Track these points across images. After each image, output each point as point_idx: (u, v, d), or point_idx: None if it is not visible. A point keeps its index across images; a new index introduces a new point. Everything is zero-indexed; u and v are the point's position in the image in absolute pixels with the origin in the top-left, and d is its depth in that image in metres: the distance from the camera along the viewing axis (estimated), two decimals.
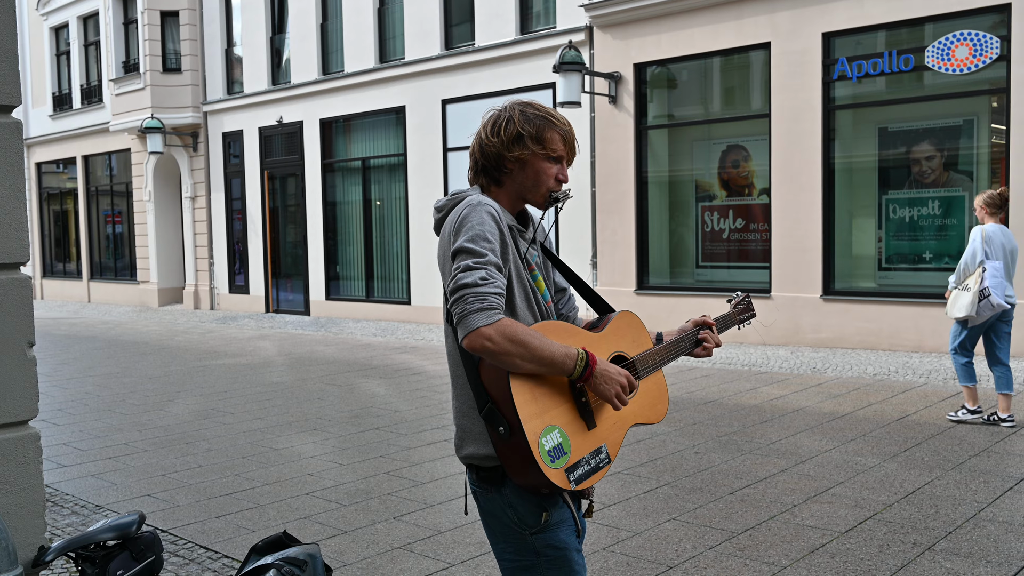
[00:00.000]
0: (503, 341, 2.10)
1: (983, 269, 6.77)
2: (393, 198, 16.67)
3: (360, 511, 5.31)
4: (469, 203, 2.28)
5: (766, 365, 10.25)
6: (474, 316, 2.11)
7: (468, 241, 2.19)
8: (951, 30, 10.26)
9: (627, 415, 2.41)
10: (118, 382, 10.48)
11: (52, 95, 25.06)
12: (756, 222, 12.09)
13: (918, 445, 6.45)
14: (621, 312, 2.53)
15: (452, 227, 2.27)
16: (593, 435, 2.29)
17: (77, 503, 5.61)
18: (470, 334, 2.11)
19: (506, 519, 2.33)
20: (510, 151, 2.37)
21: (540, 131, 2.38)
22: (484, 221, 2.23)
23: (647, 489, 5.58)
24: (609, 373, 2.25)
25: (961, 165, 10.56)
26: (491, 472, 2.31)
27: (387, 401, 8.85)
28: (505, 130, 2.37)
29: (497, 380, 2.18)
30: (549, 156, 2.40)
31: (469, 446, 2.34)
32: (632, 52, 12.85)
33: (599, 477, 2.30)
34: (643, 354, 2.50)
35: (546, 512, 2.30)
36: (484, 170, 2.42)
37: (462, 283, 2.14)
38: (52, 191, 26.22)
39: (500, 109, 2.44)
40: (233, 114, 19.59)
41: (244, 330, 16.28)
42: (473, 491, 2.41)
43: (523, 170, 2.39)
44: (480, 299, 2.12)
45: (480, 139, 2.42)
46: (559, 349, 2.18)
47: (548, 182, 2.41)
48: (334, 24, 17.42)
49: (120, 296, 23.12)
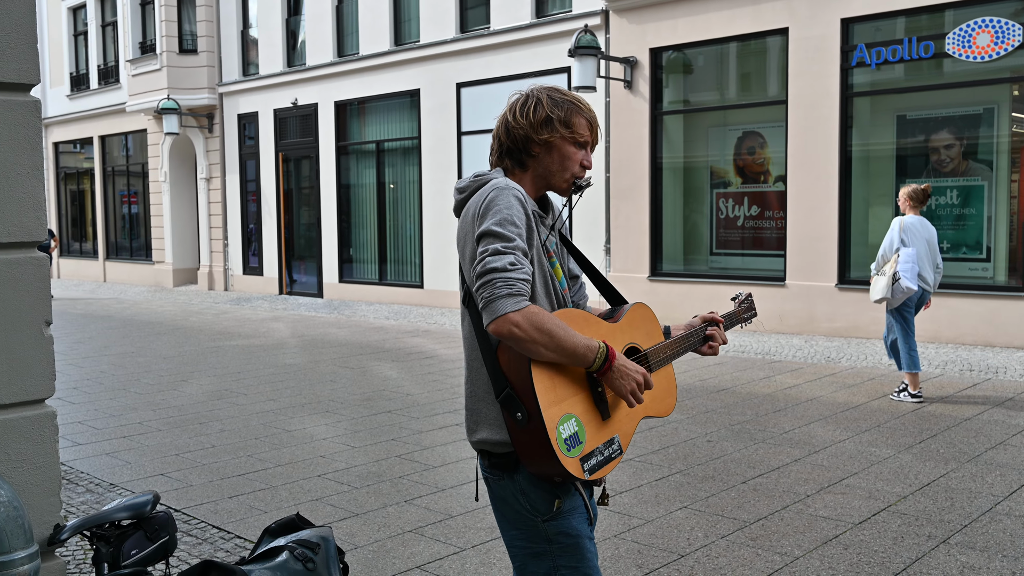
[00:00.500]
0: (530, 328, 2.09)
1: (898, 255, 7.36)
2: (407, 181, 16.66)
3: (372, 494, 5.32)
4: (496, 186, 2.26)
5: (780, 354, 10.22)
6: (502, 301, 2.09)
7: (496, 225, 2.18)
8: (972, 17, 10.14)
9: (638, 407, 2.41)
10: (133, 361, 10.54)
11: (70, 75, 25.13)
12: (771, 209, 12.02)
13: (933, 437, 6.42)
14: (636, 304, 2.52)
15: (477, 209, 2.25)
16: (607, 426, 2.29)
17: (92, 481, 5.65)
18: (497, 319, 2.09)
19: (518, 506, 2.33)
20: (538, 134, 2.35)
21: (568, 115, 2.36)
22: (512, 205, 2.21)
23: (659, 477, 5.57)
24: (627, 369, 2.24)
25: (980, 154, 10.46)
26: (503, 458, 2.30)
27: (399, 384, 8.87)
28: (534, 113, 2.35)
29: (518, 366, 2.17)
30: (576, 141, 2.38)
31: (482, 431, 2.32)
32: (648, 37, 12.76)
33: (611, 467, 2.30)
34: (655, 347, 2.50)
35: (558, 499, 2.29)
36: (509, 152, 2.40)
37: (491, 267, 2.12)
38: (69, 171, 26.32)
39: (527, 92, 2.42)
40: (248, 96, 19.60)
41: (258, 311, 16.33)
42: (484, 477, 2.39)
43: (549, 154, 2.38)
44: (509, 284, 2.10)
45: (506, 121, 2.40)
46: (581, 341, 2.17)
47: (574, 167, 2.40)
48: (350, 6, 17.38)
49: (135, 276, 23.23)
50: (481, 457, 2.38)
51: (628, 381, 2.24)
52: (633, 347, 2.44)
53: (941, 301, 10.41)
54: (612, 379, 2.23)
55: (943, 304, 10.38)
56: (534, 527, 2.33)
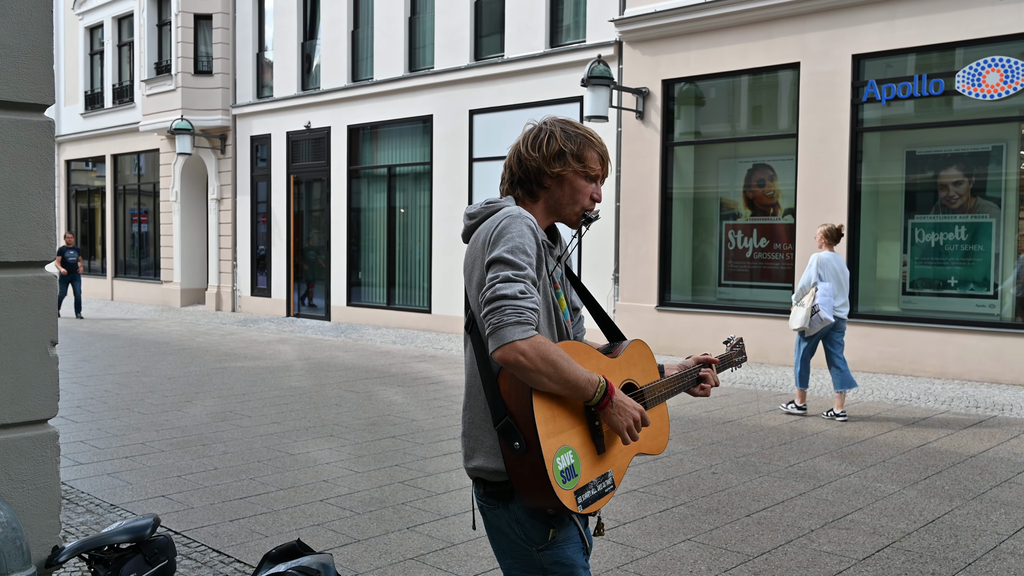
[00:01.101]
0: (536, 358, 2.10)
1: (816, 289, 8.14)
2: (417, 206, 16.72)
3: (374, 520, 5.30)
4: (509, 214, 2.27)
5: (786, 387, 10.17)
6: (510, 329, 2.09)
7: (508, 252, 2.18)
8: (982, 56, 10.18)
9: (632, 443, 2.41)
10: (137, 381, 10.55)
11: (84, 94, 25.36)
12: (780, 242, 12.02)
13: (938, 473, 6.37)
14: (635, 341, 2.53)
15: (489, 236, 2.25)
16: (602, 460, 2.30)
17: (92, 501, 5.64)
18: (504, 346, 2.10)
19: (513, 535, 2.32)
20: (551, 167, 2.38)
21: (581, 149, 2.39)
22: (524, 234, 2.22)
23: (663, 508, 5.54)
24: (624, 405, 2.25)
25: (989, 191, 10.45)
26: (499, 487, 2.29)
27: (404, 410, 8.85)
28: (547, 146, 2.38)
29: (519, 395, 2.17)
30: (587, 175, 2.41)
31: (478, 459, 2.32)
32: (661, 68, 12.84)
33: (604, 502, 2.30)
34: (651, 385, 2.52)
35: (553, 529, 2.29)
36: (521, 183, 2.42)
37: (500, 293, 2.13)
38: (80, 188, 26.49)
39: (540, 124, 2.44)
40: (262, 118, 19.74)
41: (264, 333, 16.35)
42: (480, 506, 2.39)
43: (561, 187, 2.40)
44: (518, 312, 2.11)
45: (519, 152, 2.42)
46: (583, 375, 2.18)
47: (584, 200, 2.42)
48: (365, 32, 17.53)
49: (143, 295, 23.29)
50: (476, 485, 2.38)
51: (626, 417, 2.25)
52: (630, 383, 2.46)
53: (948, 337, 10.37)
54: (610, 414, 2.24)
55: (950, 340, 10.34)
56: (529, 556, 2.32)
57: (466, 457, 2.37)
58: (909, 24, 10.60)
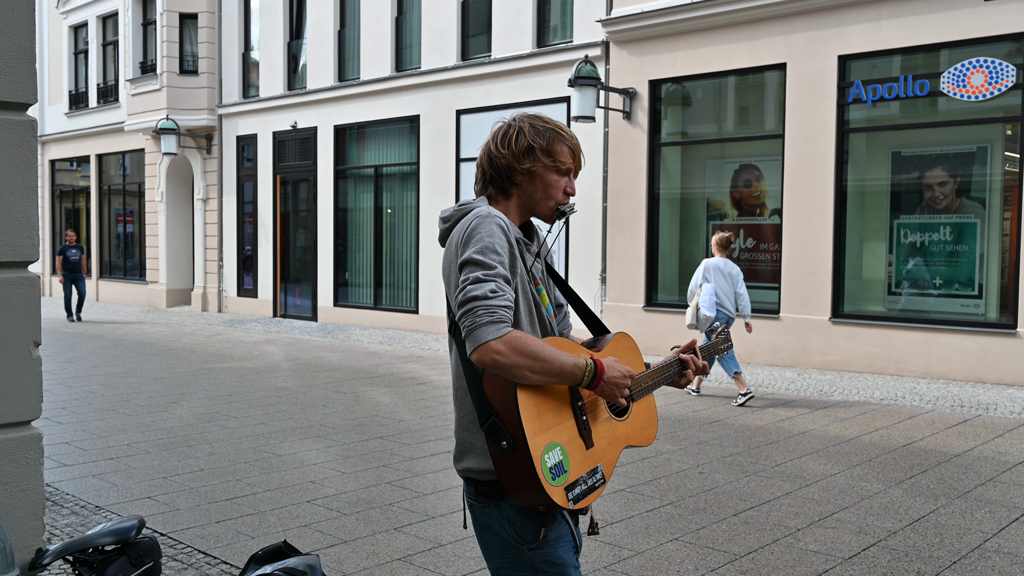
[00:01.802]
0: (512, 354, 2.09)
1: (701, 290, 9.15)
2: (404, 206, 16.69)
3: (361, 521, 5.29)
4: (478, 214, 2.27)
5: (773, 386, 10.20)
6: (484, 329, 2.09)
7: (478, 253, 2.18)
8: (967, 57, 10.23)
9: (621, 436, 2.42)
10: (123, 382, 10.49)
11: (69, 93, 25.20)
12: (767, 242, 12.05)
13: (924, 472, 6.40)
14: (619, 333, 2.53)
15: (460, 238, 2.26)
16: (591, 454, 2.29)
17: (77, 503, 5.60)
18: (479, 347, 2.10)
19: (504, 534, 2.31)
20: (520, 163, 2.37)
21: (550, 143, 2.38)
22: (494, 233, 2.22)
23: (650, 508, 5.54)
24: (617, 377, 2.28)
25: (974, 192, 10.51)
26: (489, 486, 2.29)
27: (392, 410, 8.84)
28: (516, 142, 2.37)
29: (504, 393, 2.17)
30: (558, 168, 2.40)
31: (468, 460, 2.32)
32: (648, 69, 12.85)
33: (595, 496, 2.29)
34: (637, 376, 2.49)
35: (545, 528, 2.28)
36: (492, 181, 2.42)
37: (471, 295, 2.13)
38: (65, 188, 26.33)
39: (509, 121, 2.44)
40: (248, 118, 19.67)
41: (251, 334, 16.29)
42: (470, 504, 2.39)
43: (532, 182, 2.39)
44: (490, 312, 2.11)
45: (489, 150, 2.41)
46: (568, 359, 2.18)
47: (557, 195, 2.41)
48: (351, 31, 17.49)
49: (128, 296, 23.17)
50: (467, 484, 2.37)
51: (620, 390, 2.28)
52: None
53: (933, 337, 10.42)
54: (603, 391, 2.26)
55: (935, 340, 10.40)
56: (520, 555, 2.31)
57: (455, 458, 2.37)
58: (894, 25, 10.65)
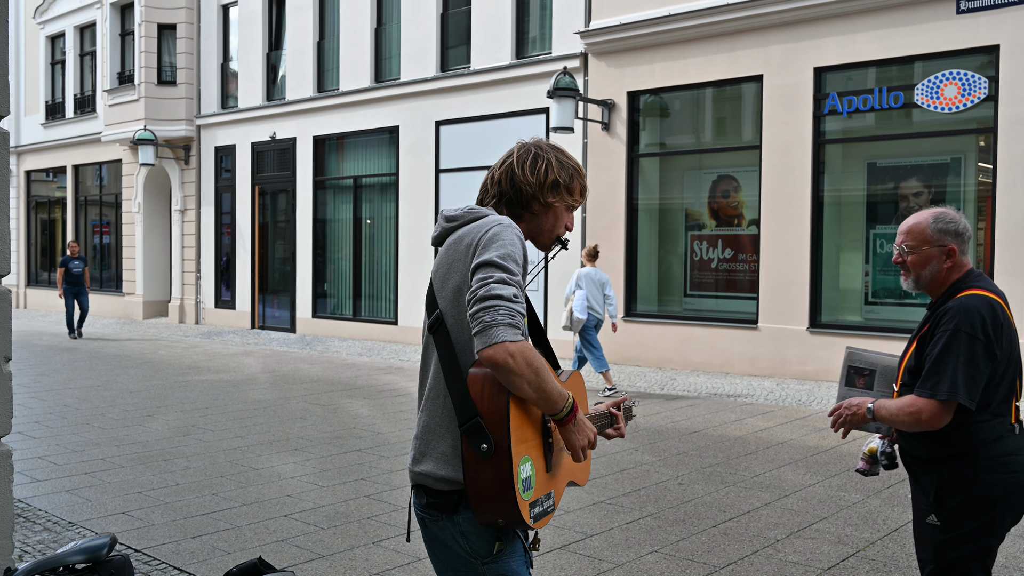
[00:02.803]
0: (522, 362, 2.09)
1: (573, 296, 10.26)
2: (384, 217, 16.65)
3: (339, 535, 5.25)
4: (500, 222, 2.28)
5: (752, 396, 10.24)
6: (503, 329, 2.09)
7: (500, 258, 2.18)
8: (940, 69, 10.34)
9: (569, 469, 2.45)
10: (98, 395, 10.38)
11: (45, 103, 25.00)
12: (745, 252, 12.11)
13: (901, 482, 6.43)
14: (575, 372, 2.55)
15: (477, 239, 2.24)
16: (549, 479, 2.32)
17: (50, 519, 5.53)
18: (495, 345, 2.08)
19: (457, 548, 2.29)
20: (545, 196, 2.42)
21: (571, 182, 2.45)
22: (515, 244, 2.24)
23: (630, 520, 5.54)
24: (584, 425, 2.29)
25: (948, 202, 10.61)
26: (443, 498, 2.25)
27: (370, 422, 8.79)
28: (545, 174, 2.41)
29: (494, 396, 2.16)
30: (571, 205, 2.48)
31: (427, 463, 2.27)
32: (626, 80, 12.91)
33: (547, 521, 2.31)
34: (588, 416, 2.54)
35: (500, 542, 2.27)
36: (509, 203, 2.43)
37: (497, 293, 2.12)
38: (40, 199, 26.09)
39: (535, 150, 2.45)
40: (226, 128, 19.58)
41: (228, 346, 16.18)
42: (419, 516, 2.34)
43: (547, 214, 2.45)
44: (511, 315, 2.11)
45: (513, 172, 2.42)
46: (557, 388, 2.19)
47: (560, 228, 2.48)
48: (331, 42, 17.46)
49: (104, 307, 22.95)
50: (417, 494, 2.33)
51: (583, 436, 2.27)
52: None
53: None
54: (570, 431, 2.25)
55: None
56: (473, 570, 2.30)
57: (414, 460, 2.32)
58: (869, 38, 10.75)
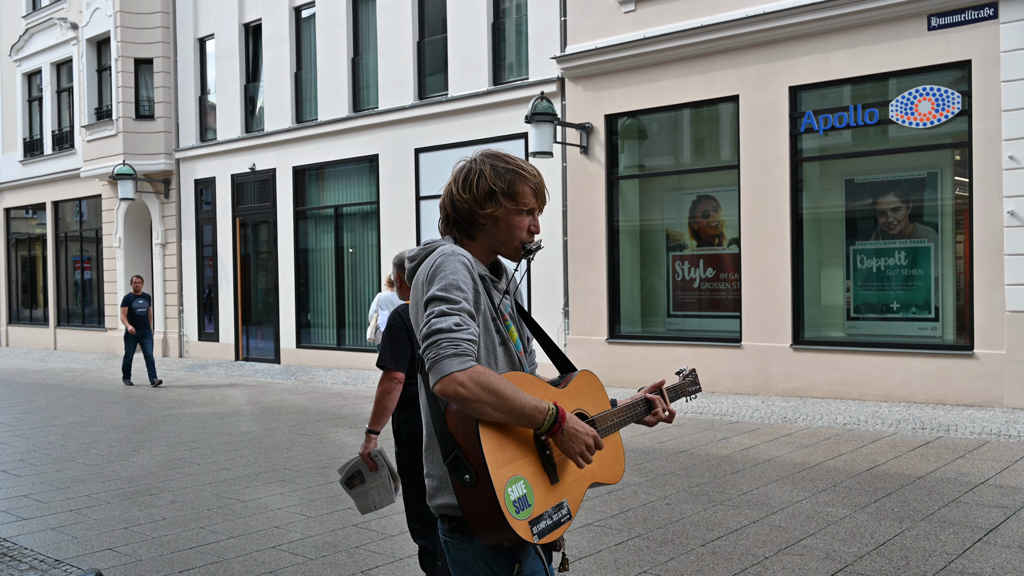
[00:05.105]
0: (476, 388, 2.09)
1: (377, 314, 11.62)
2: (365, 246, 16.66)
3: (327, 565, 5.22)
4: (442, 252, 2.29)
5: (737, 415, 10.26)
6: (448, 361, 2.10)
7: (441, 290, 2.20)
8: (914, 85, 10.49)
9: (587, 472, 2.41)
10: (82, 431, 10.30)
11: (23, 141, 24.93)
12: (726, 271, 12.18)
13: (888, 496, 6.46)
14: (583, 371, 2.53)
15: (425, 276, 2.27)
16: (555, 489, 2.28)
17: (36, 558, 5.47)
18: (443, 379, 2.10)
19: (477, 569, 2.30)
20: (483, 208, 2.37)
21: (511, 186, 2.38)
22: (457, 271, 2.23)
23: (618, 541, 5.53)
24: (576, 431, 2.25)
25: (926, 216, 10.73)
26: (460, 522, 2.28)
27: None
28: (477, 186, 2.37)
29: (465, 426, 2.16)
30: (521, 210, 2.40)
31: (443, 496, 2.30)
32: (603, 103, 13.01)
33: (561, 532, 2.28)
34: (602, 414, 2.51)
35: (519, 563, 2.27)
36: (457, 225, 2.42)
37: (436, 328, 2.13)
38: (20, 237, 25.95)
39: (470, 162, 2.43)
40: (206, 161, 19.57)
41: (213, 378, 16.08)
42: (444, 541, 2.37)
43: (496, 225, 2.40)
44: (454, 344, 2.11)
45: (451, 194, 2.42)
46: (530, 402, 2.17)
47: (521, 235, 2.42)
48: (308, 73, 17.53)
49: (87, 343, 22.80)
50: (442, 521, 2.36)
51: (578, 443, 2.24)
52: (581, 413, 2.45)
53: (893, 360, 10.56)
54: (561, 441, 2.24)
55: (895, 364, 10.53)
56: None
57: (430, 496, 2.35)
58: (842, 56, 10.90)
